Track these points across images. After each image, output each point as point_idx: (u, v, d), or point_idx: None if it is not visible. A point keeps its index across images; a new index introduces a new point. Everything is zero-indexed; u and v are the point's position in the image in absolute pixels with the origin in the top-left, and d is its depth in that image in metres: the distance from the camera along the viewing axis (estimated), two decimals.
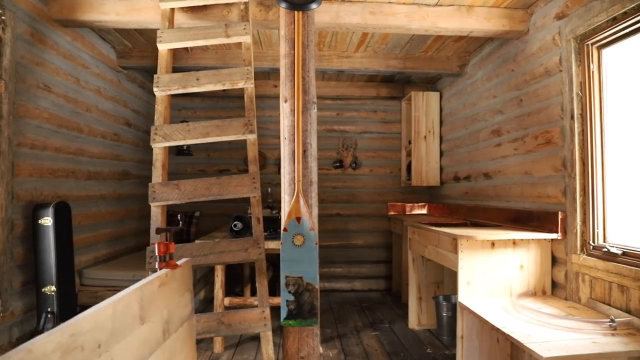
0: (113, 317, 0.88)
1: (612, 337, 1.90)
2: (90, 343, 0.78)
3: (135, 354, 0.94)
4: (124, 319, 0.91)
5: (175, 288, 1.18)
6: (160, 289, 1.09)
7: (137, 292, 0.99)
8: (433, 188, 4.84)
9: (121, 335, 0.89)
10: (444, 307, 3.33)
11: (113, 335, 0.87)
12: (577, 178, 2.41)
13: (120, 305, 0.90)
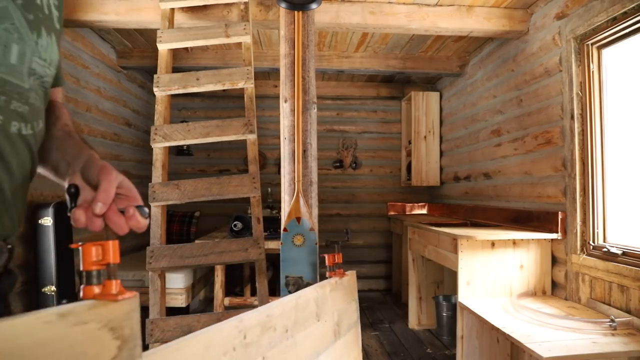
0: (296, 309, 0.98)
1: (612, 337, 1.90)
2: (280, 326, 0.90)
3: (313, 346, 1.03)
4: (304, 312, 1.02)
5: (343, 295, 1.28)
6: (331, 294, 1.18)
7: (313, 291, 1.09)
8: (433, 188, 4.84)
9: (302, 326, 1.00)
10: (444, 307, 3.33)
11: (296, 324, 0.98)
12: (577, 178, 2.41)
13: (301, 300, 1.02)
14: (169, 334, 2.19)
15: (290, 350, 0.93)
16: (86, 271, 0.50)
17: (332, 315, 1.19)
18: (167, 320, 2.21)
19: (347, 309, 1.30)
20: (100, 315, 0.47)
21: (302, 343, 0.99)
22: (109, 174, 0.63)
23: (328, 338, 1.14)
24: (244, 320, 0.77)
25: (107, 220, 0.62)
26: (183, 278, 3.07)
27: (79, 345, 0.43)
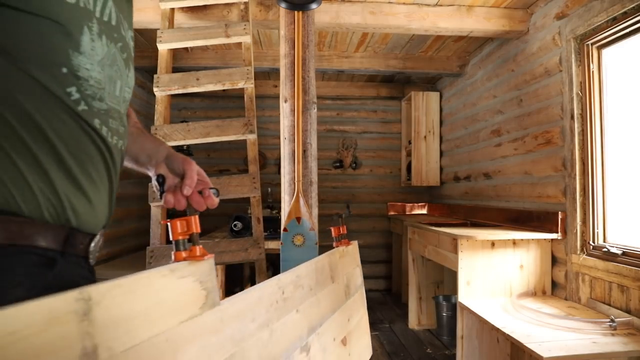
0: (316, 271, 1.18)
1: (612, 337, 1.90)
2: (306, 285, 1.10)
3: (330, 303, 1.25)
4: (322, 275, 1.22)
5: (350, 261, 1.49)
6: (340, 260, 1.39)
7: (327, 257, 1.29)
8: (433, 188, 4.84)
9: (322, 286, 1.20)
10: (444, 307, 3.33)
11: (317, 284, 1.17)
12: (577, 178, 2.41)
13: (319, 264, 1.22)
14: None
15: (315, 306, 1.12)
16: (175, 240, 0.68)
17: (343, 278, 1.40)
18: None
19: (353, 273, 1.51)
20: (194, 271, 0.65)
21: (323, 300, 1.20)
22: (191, 164, 0.87)
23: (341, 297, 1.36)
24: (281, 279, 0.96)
25: (190, 200, 0.81)
26: None
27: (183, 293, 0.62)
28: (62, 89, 0.65)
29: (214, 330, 0.68)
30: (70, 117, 0.67)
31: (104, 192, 0.74)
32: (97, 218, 0.73)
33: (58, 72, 0.65)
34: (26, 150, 0.62)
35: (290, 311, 0.97)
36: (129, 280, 0.53)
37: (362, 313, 1.52)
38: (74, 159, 0.67)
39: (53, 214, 0.65)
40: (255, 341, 0.79)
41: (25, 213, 0.62)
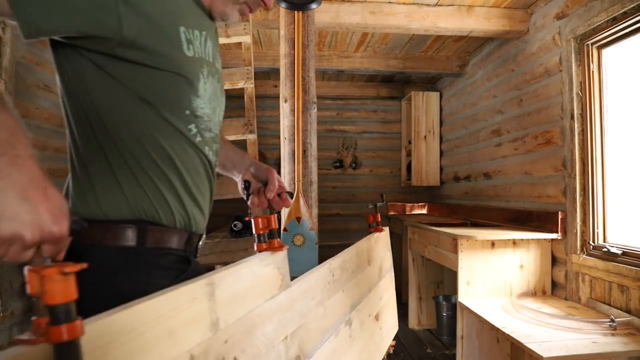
0: (356, 256, 1.35)
1: (612, 337, 1.90)
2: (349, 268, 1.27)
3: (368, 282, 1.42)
4: (361, 259, 1.40)
5: (382, 246, 1.68)
6: (375, 245, 1.57)
7: (365, 242, 1.48)
8: (433, 188, 4.84)
9: (361, 269, 1.37)
10: (444, 307, 3.33)
11: (358, 267, 1.34)
12: (577, 178, 2.41)
13: (359, 249, 1.40)
14: None
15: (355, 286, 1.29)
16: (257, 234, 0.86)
17: (377, 261, 1.58)
18: None
19: (385, 257, 1.70)
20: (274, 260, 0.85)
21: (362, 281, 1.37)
22: (273, 173, 1.06)
23: (375, 277, 1.54)
24: (332, 264, 1.14)
25: (271, 202, 1.03)
26: None
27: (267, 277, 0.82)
28: (185, 127, 0.83)
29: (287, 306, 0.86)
30: (190, 147, 0.84)
31: (207, 201, 0.92)
32: (204, 222, 0.92)
33: (183, 114, 0.82)
34: (164, 177, 0.80)
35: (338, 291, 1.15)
36: (235, 268, 0.72)
37: (391, 292, 1.71)
38: (193, 181, 0.86)
39: (182, 223, 0.84)
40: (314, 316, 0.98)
41: (164, 224, 0.81)
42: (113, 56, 0.74)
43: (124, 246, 0.76)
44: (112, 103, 0.76)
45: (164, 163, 0.80)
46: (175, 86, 0.80)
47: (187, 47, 0.82)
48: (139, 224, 0.77)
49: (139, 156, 0.78)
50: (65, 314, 0.41)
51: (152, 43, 0.76)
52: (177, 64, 0.79)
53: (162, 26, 0.77)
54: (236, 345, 0.68)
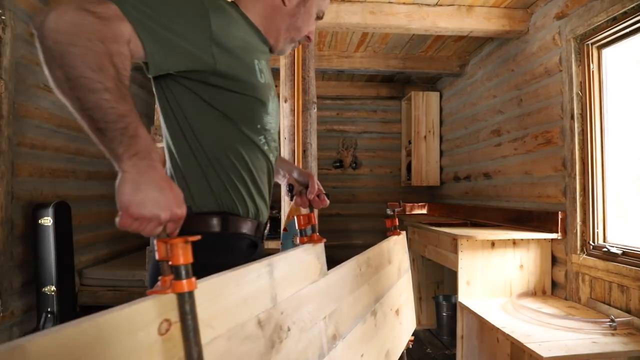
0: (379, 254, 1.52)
1: (612, 337, 1.90)
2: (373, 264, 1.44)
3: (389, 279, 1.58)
4: (382, 258, 1.55)
5: (400, 248, 1.81)
6: (394, 246, 1.71)
7: (386, 243, 1.62)
8: (433, 188, 4.84)
9: (382, 266, 1.53)
10: (444, 307, 3.33)
11: (379, 265, 1.50)
12: (577, 178, 2.41)
13: (381, 249, 1.55)
14: None
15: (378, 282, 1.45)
16: (300, 229, 1.05)
17: (396, 261, 1.72)
18: None
19: (403, 258, 1.84)
20: (315, 250, 1.02)
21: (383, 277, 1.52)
22: (313, 178, 1.26)
23: (395, 276, 1.68)
24: (358, 259, 1.32)
25: (312, 202, 1.25)
26: None
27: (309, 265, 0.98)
28: (257, 138, 1.04)
29: (325, 291, 1.03)
30: (260, 154, 1.06)
31: (269, 196, 1.13)
32: (267, 214, 1.13)
33: (256, 128, 1.04)
34: (241, 177, 1.01)
35: (364, 284, 1.32)
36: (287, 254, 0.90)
37: (409, 292, 1.86)
38: (261, 181, 1.07)
39: (253, 214, 1.05)
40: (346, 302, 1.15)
41: (241, 214, 1.02)
42: (205, 83, 0.94)
43: (211, 232, 0.97)
44: (202, 119, 0.97)
45: (241, 166, 1.01)
46: (251, 106, 1.02)
47: (259, 75, 1.03)
48: (222, 215, 0.98)
49: (223, 161, 0.99)
50: (186, 273, 0.58)
51: (236, 73, 0.97)
52: (254, 89, 1.01)
53: (242, 59, 0.99)
54: (289, 317, 0.85)
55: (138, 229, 0.68)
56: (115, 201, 0.67)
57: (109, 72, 0.75)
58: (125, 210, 0.67)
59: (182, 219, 0.72)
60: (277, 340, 0.80)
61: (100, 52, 0.73)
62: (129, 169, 0.70)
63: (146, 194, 0.68)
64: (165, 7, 0.85)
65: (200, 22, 0.89)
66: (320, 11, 1.18)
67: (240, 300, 0.71)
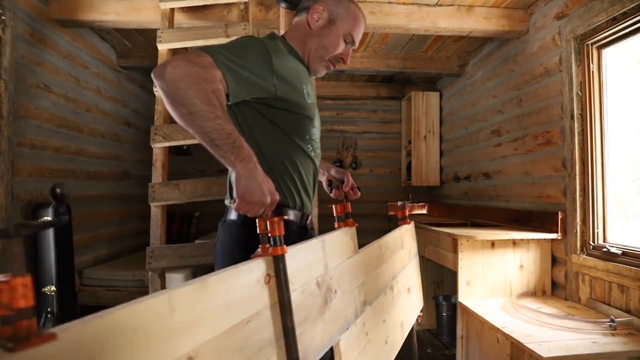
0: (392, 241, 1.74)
1: (612, 337, 1.90)
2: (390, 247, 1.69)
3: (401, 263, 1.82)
4: (396, 243, 1.79)
5: (410, 236, 2.07)
6: (405, 233, 1.96)
7: (398, 231, 1.86)
8: (433, 188, 4.84)
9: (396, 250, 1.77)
10: (444, 307, 3.33)
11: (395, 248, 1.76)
12: (577, 178, 2.41)
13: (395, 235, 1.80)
14: None
15: (393, 262, 1.70)
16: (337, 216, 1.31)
17: (407, 246, 1.97)
18: None
19: (412, 244, 2.10)
20: (349, 232, 1.30)
21: (397, 259, 1.76)
22: (347, 174, 1.54)
23: (407, 259, 1.94)
24: (380, 242, 1.57)
25: (347, 194, 1.53)
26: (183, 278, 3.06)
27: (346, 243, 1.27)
28: (306, 147, 1.33)
29: (357, 266, 1.30)
30: (308, 159, 1.34)
31: (313, 193, 1.41)
32: (310, 205, 1.40)
33: (305, 138, 1.33)
34: (292, 178, 1.30)
35: (383, 263, 1.57)
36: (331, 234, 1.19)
37: (417, 274, 2.13)
38: (307, 181, 1.35)
39: (299, 206, 1.33)
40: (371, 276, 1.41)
41: (290, 206, 1.31)
42: (268, 105, 1.23)
43: None
44: (264, 133, 1.24)
45: (293, 170, 1.29)
46: (302, 122, 1.31)
47: (307, 97, 1.32)
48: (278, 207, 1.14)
49: (279, 166, 1.25)
50: (280, 241, 0.85)
51: (291, 97, 1.25)
52: (303, 108, 1.30)
53: (295, 86, 1.27)
54: (335, 282, 1.13)
55: (248, 211, 0.98)
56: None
57: (216, 104, 1.03)
58: (241, 197, 0.97)
59: (275, 204, 1.00)
60: (328, 298, 1.08)
61: (208, 91, 1.02)
62: (240, 170, 0.99)
63: (254, 186, 0.97)
64: (241, 54, 1.16)
65: (264, 62, 1.19)
66: (350, 35, 1.37)
67: (307, 266, 0.99)
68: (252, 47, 1.20)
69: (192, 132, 1.03)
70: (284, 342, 0.84)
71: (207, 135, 1.00)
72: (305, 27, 1.35)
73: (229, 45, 1.18)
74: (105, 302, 2.98)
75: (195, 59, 1.06)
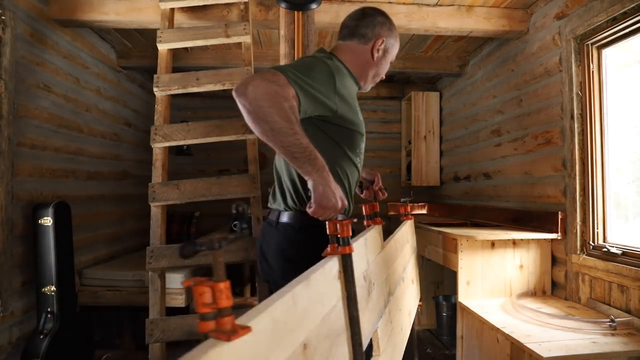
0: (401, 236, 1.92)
1: (612, 337, 1.91)
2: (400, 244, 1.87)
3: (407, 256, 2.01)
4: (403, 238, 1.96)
5: (411, 231, 2.31)
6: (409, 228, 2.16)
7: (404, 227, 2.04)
8: (433, 188, 4.83)
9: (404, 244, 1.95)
10: (444, 307, 3.33)
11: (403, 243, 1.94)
12: (577, 178, 2.41)
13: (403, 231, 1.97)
14: (168, 334, 2.19)
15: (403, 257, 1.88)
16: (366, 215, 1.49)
17: (409, 242, 2.15)
18: (167, 320, 2.21)
19: (413, 239, 2.31)
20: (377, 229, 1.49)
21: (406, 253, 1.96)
22: (377, 175, 1.72)
23: (410, 253, 2.14)
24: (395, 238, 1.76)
25: (376, 194, 1.69)
26: (183, 278, 3.07)
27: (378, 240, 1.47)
28: (355, 159, 1.47)
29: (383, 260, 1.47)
30: (355, 168, 1.48)
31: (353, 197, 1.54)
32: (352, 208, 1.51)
33: (355, 152, 1.46)
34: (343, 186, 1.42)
35: (398, 257, 1.76)
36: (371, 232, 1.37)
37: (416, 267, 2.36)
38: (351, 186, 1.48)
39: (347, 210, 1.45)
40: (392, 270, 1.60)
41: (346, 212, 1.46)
42: (328, 122, 1.36)
43: None
44: (323, 146, 1.30)
45: (344, 178, 1.43)
46: (354, 137, 1.44)
47: (359, 114, 1.46)
48: None
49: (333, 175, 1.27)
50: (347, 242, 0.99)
51: (347, 115, 1.38)
52: (356, 125, 1.43)
53: (351, 105, 1.41)
54: (372, 275, 1.26)
55: (322, 215, 1.14)
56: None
57: (293, 121, 1.13)
58: (318, 203, 1.13)
59: (344, 209, 1.17)
60: (370, 290, 1.21)
61: (286, 109, 1.13)
62: (316, 179, 1.15)
63: (329, 193, 1.14)
64: (309, 73, 1.27)
65: (329, 81, 1.31)
66: (393, 58, 1.58)
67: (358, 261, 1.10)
68: (318, 67, 1.32)
69: (272, 146, 1.15)
70: (350, 330, 0.97)
71: (288, 149, 1.13)
72: (366, 56, 1.51)
73: (296, 65, 1.30)
74: (105, 302, 2.98)
75: (272, 78, 1.15)
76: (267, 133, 1.12)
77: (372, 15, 1.51)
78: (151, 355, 2.19)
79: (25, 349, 2.34)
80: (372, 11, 1.53)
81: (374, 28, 1.50)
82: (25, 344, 2.37)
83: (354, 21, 1.51)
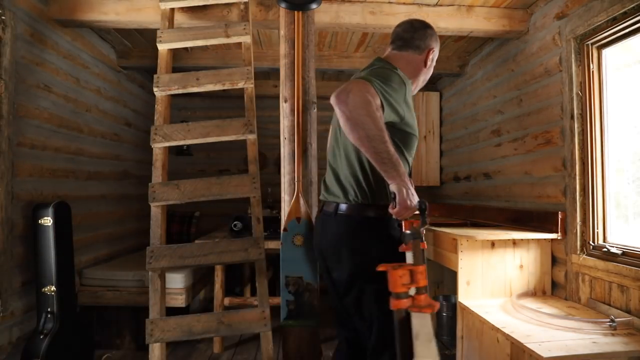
0: None
1: (612, 337, 1.90)
2: None
3: None
4: None
5: None
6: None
7: None
8: (433, 188, 4.83)
9: None
10: (444, 307, 3.33)
11: None
12: (577, 178, 2.41)
13: None
14: (169, 334, 2.19)
15: None
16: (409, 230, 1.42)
17: None
18: (167, 320, 2.21)
19: None
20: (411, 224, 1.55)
21: None
22: None
23: None
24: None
25: None
26: (183, 278, 3.07)
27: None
28: (410, 159, 1.62)
29: None
30: (409, 168, 1.60)
31: None
32: None
33: (411, 152, 1.62)
34: None
35: None
36: None
37: None
38: None
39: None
40: None
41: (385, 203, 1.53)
42: (394, 127, 1.49)
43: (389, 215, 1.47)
44: None
45: None
46: (412, 140, 1.59)
47: (416, 120, 1.60)
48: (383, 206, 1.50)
49: None
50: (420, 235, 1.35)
51: (410, 121, 1.54)
52: (414, 129, 1.58)
53: (412, 111, 1.55)
54: None
55: (403, 215, 1.33)
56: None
57: (383, 129, 1.29)
58: (402, 204, 1.31)
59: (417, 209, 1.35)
60: None
61: (378, 118, 1.29)
62: (399, 183, 1.31)
63: (410, 196, 1.32)
64: (390, 84, 1.43)
65: (401, 91, 1.48)
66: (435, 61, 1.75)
67: None
68: (393, 78, 1.47)
69: (364, 150, 1.31)
70: None
71: (379, 155, 1.29)
72: (420, 64, 1.70)
73: (377, 75, 1.45)
74: (105, 302, 2.99)
75: (366, 89, 1.31)
76: (363, 139, 1.28)
77: (423, 28, 1.71)
78: (151, 355, 2.19)
79: (25, 349, 2.34)
80: (420, 24, 1.72)
81: (425, 40, 1.70)
82: (25, 344, 2.37)
83: (409, 34, 1.69)
